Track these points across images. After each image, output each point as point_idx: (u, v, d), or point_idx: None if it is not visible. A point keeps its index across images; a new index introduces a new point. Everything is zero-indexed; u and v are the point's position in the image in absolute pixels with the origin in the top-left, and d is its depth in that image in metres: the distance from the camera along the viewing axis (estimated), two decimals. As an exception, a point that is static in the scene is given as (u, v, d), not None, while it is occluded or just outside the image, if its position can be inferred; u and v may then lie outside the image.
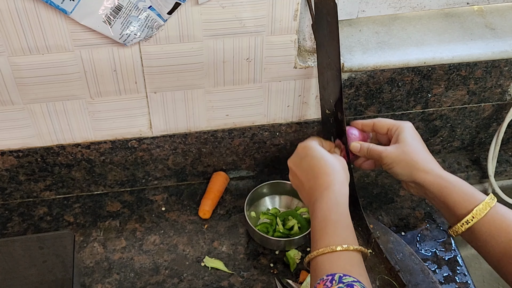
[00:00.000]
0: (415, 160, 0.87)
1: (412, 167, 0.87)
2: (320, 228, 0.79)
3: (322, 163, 0.85)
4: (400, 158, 0.88)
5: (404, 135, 0.89)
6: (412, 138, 0.89)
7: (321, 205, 0.81)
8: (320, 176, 0.84)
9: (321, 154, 0.87)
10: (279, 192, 1.12)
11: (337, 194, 0.82)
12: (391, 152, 0.89)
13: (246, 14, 0.89)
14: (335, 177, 0.83)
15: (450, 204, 0.83)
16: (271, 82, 1.01)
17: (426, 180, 0.85)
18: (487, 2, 1.07)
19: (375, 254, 1.03)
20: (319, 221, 0.80)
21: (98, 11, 0.82)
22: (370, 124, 0.95)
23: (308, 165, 0.87)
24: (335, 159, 0.86)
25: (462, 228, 0.81)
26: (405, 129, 0.90)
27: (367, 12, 1.03)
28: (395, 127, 0.92)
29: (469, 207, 0.81)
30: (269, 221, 1.08)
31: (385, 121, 0.93)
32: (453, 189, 0.83)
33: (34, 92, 0.93)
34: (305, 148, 0.89)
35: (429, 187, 0.85)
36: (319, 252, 0.76)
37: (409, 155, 0.87)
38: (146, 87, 0.97)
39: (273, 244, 1.03)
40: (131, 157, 1.08)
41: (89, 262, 1.02)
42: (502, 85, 1.10)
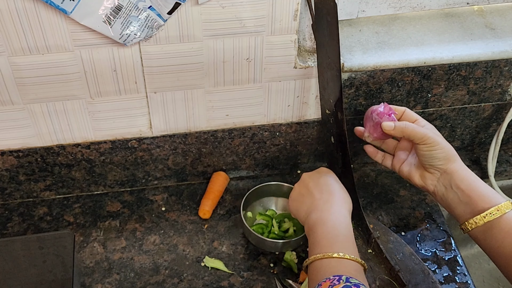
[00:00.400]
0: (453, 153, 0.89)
1: (451, 156, 0.89)
2: (329, 236, 0.83)
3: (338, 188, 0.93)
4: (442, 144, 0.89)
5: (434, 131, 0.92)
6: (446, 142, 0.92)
7: (332, 217, 0.86)
8: (335, 195, 0.90)
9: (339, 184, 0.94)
10: (277, 194, 1.11)
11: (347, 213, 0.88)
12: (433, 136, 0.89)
13: (246, 14, 0.89)
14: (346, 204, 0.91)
15: (475, 197, 0.84)
16: (271, 82, 1.01)
17: (459, 170, 0.88)
18: (487, 2, 1.07)
19: (375, 254, 1.03)
20: (329, 229, 0.84)
21: (98, 11, 0.82)
22: (401, 110, 0.96)
23: (326, 183, 0.93)
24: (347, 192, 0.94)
25: (484, 220, 0.82)
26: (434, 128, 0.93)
27: (367, 12, 1.03)
28: (423, 121, 0.93)
29: (493, 201, 0.83)
30: (265, 222, 1.07)
31: (414, 113, 0.95)
32: (480, 183, 0.86)
33: (34, 92, 0.93)
34: (329, 172, 0.96)
35: (459, 177, 0.87)
36: (328, 255, 0.79)
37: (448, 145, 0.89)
38: (146, 87, 0.97)
39: (268, 245, 1.03)
40: (131, 157, 1.08)
41: (89, 262, 1.02)
42: (502, 85, 1.10)
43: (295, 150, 1.15)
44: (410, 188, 1.17)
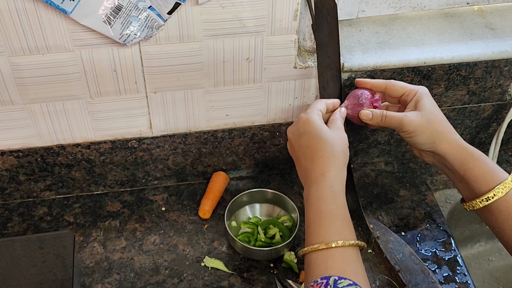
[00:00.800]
0: (440, 130, 0.83)
1: (436, 137, 0.83)
2: (315, 220, 0.76)
3: (320, 145, 0.81)
4: (424, 127, 0.83)
5: (424, 102, 0.84)
6: (434, 105, 0.85)
7: (316, 193, 0.78)
8: (316, 159, 0.80)
9: (320, 133, 0.81)
10: (260, 200, 1.10)
11: (333, 182, 0.78)
12: (413, 119, 0.83)
13: (246, 14, 0.89)
14: (331, 162, 0.79)
15: (471, 178, 0.80)
16: (271, 82, 1.01)
17: (449, 151, 0.82)
18: (487, 2, 1.07)
19: (375, 254, 1.03)
20: (314, 211, 0.77)
21: (98, 11, 0.82)
22: (382, 86, 0.88)
23: (306, 143, 0.82)
24: (336, 139, 0.81)
25: (480, 205, 0.79)
26: (424, 96, 0.85)
27: (367, 12, 1.03)
28: (412, 92, 0.86)
29: (490, 183, 0.79)
30: (250, 230, 1.06)
31: (400, 84, 0.88)
32: (475, 162, 0.81)
33: (34, 92, 0.93)
34: (306, 123, 0.83)
35: (451, 159, 0.82)
36: (314, 248, 0.73)
37: (433, 124, 0.83)
38: (146, 87, 0.97)
39: (255, 254, 1.02)
40: (131, 157, 1.08)
41: (89, 262, 1.02)
42: (502, 85, 1.10)
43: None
44: (410, 188, 1.17)
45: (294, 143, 0.85)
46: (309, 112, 0.85)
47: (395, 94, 0.88)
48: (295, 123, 0.86)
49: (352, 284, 0.67)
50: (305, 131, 0.83)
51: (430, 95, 0.87)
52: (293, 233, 1.02)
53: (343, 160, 0.81)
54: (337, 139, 0.82)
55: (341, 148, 0.81)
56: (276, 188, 1.14)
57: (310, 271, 0.73)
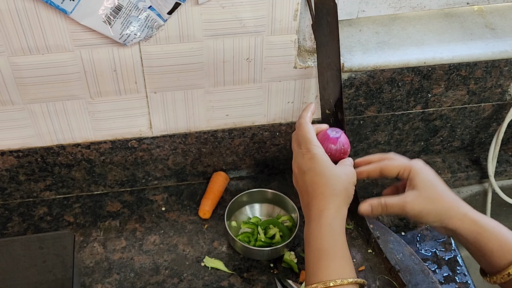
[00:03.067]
0: (446, 206, 0.79)
1: (444, 214, 0.79)
2: (314, 260, 0.76)
3: (322, 182, 0.79)
4: (428, 208, 0.80)
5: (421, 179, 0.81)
6: (432, 179, 0.81)
7: (315, 231, 0.77)
8: (316, 196, 0.79)
9: (324, 171, 0.79)
10: (260, 200, 1.10)
11: (331, 220, 0.77)
12: (414, 203, 0.80)
13: (246, 14, 0.89)
14: (331, 200, 0.78)
15: (487, 253, 0.77)
16: (271, 82, 1.01)
17: (459, 227, 0.78)
18: (487, 2, 1.07)
19: (375, 254, 1.03)
20: (312, 250, 0.76)
21: (98, 11, 0.82)
22: (377, 170, 0.85)
23: (309, 179, 0.81)
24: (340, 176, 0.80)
25: (502, 280, 0.76)
26: (420, 172, 0.81)
27: (367, 12, 1.03)
28: (406, 169, 0.82)
29: (508, 257, 0.75)
30: (250, 230, 1.06)
31: (393, 164, 0.84)
32: (490, 236, 0.77)
33: (34, 92, 0.93)
34: (311, 160, 0.81)
35: (463, 234, 0.79)
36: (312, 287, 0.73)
37: (437, 202, 0.80)
38: (146, 87, 0.97)
39: (255, 254, 1.02)
40: (131, 157, 1.08)
41: (89, 262, 1.02)
42: (502, 85, 1.10)
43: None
44: (410, 188, 1.17)
45: (298, 178, 0.83)
46: (311, 148, 0.82)
47: (390, 175, 0.84)
48: (299, 157, 0.83)
49: None
50: (309, 168, 0.81)
51: (427, 167, 0.83)
52: (293, 233, 1.02)
53: (344, 198, 0.79)
54: (341, 176, 0.80)
55: (343, 186, 0.79)
56: (276, 188, 1.14)
57: None
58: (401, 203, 0.81)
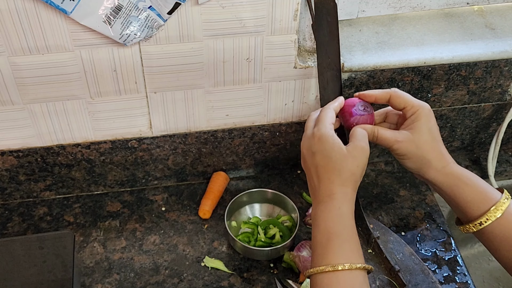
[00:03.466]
0: (427, 158, 0.81)
1: (423, 164, 0.82)
2: (322, 242, 0.75)
3: (330, 165, 0.78)
4: (413, 152, 0.82)
5: (421, 124, 0.81)
6: (429, 129, 0.82)
7: (323, 214, 0.77)
8: (324, 180, 0.78)
9: (331, 153, 0.78)
10: (260, 200, 1.10)
11: (340, 203, 0.76)
12: (404, 143, 0.81)
13: (246, 14, 0.89)
14: (338, 186, 0.78)
15: (462, 203, 0.79)
16: (271, 82, 1.01)
17: (435, 178, 0.81)
18: (487, 2, 1.07)
19: (375, 254, 1.03)
20: (321, 232, 0.76)
21: (98, 11, 0.82)
22: (386, 97, 0.84)
23: (318, 162, 0.79)
24: (348, 158, 0.78)
25: (474, 229, 0.79)
26: (423, 117, 0.82)
27: (367, 12, 1.03)
28: (413, 108, 0.82)
29: (482, 207, 0.78)
30: (250, 230, 1.06)
31: (404, 96, 0.83)
32: (465, 187, 0.79)
33: (34, 92, 0.93)
34: (320, 140, 0.79)
35: (439, 185, 0.82)
36: (320, 270, 0.72)
37: (422, 150, 0.81)
38: (146, 87, 0.97)
39: (255, 254, 1.02)
40: (131, 157, 1.08)
41: (89, 262, 1.02)
42: (502, 85, 1.10)
43: (295, 150, 1.15)
44: (410, 188, 1.17)
45: (307, 159, 0.82)
46: (321, 128, 0.81)
47: (398, 106, 0.84)
48: (309, 139, 0.82)
49: None
50: (318, 150, 0.80)
51: (431, 114, 0.83)
52: (293, 233, 1.02)
53: (351, 184, 0.78)
54: (348, 160, 0.78)
55: (350, 171, 0.78)
56: (276, 188, 1.14)
57: None
58: (392, 139, 0.82)
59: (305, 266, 0.98)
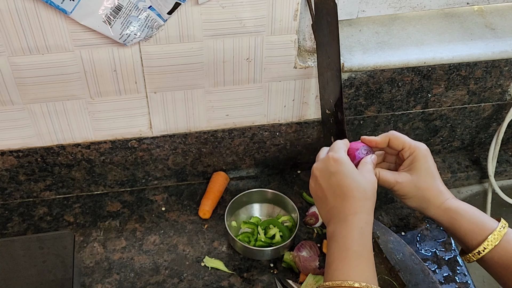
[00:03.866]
0: (427, 197, 0.85)
1: (424, 203, 0.85)
2: (340, 257, 0.76)
3: (354, 186, 0.80)
4: (413, 192, 0.85)
5: (419, 165, 0.85)
6: (426, 169, 0.85)
7: (344, 231, 0.77)
8: (349, 200, 0.79)
9: (352, 174, 0.80)
10: (260, 200, 1.10)
11: (363, 224, 0.78)
12: (404, 185, 0.85)
13: (246, 14, 0.89)
14: (364, 204, 0.79)
15: (461, 235, 0.82)
16: (271, 82, 1.01)
17: (436, 216, 0.85)
18: (487, 2, 1.07)
19: (375, 254, 1.03)
20: (339, 248, 0.77)
21: (98, 11, 0.82)
22: (386, 140, 0.88)
23: (337, 183, 0.81)
24: (367, 182, 0.81)
25: (473, 258, 0.81)
26: (420, 158, 0.85)
27: (367, 12, 1.03)
28: (411, 149, 0.86)
29: (479, 237, 0.80)
30: (250, 230, 1.06)
31: (402, 138, 0.87)
32: (462, 220, 0.82)
33: (34, 92, 0.93)
34: (337, 162, 0.81)
35: (439, 221, 0.85)
36: (335, 284, 0.73)
37: (422, 191, 0.85)
38: (146, 87, 0.97)
39: (255, 254, 1.02)
40: (131, 157, 1.08)
41: (89, 262, 1.02)
42: (502, 85, 1.10)
43: (295, 150, 1.15)
44: (410, 188, 1.17)
45: (321, 181, 0.83)
46: (338, 152, 0.83)
47: (396, 147, 0.87)
48: (323, 162, 0.83)
49: None
50: (336, 170, 0.81)
51: (429, 154, 0.86)
52: (293, 233, 1.02)
53: (372, 204, 0.81)
54: (368, 183, 0.81)
55: (372, 192, 0.81)
56: (276, 188, 1.14)
57: None
58: (392, 180, 0.86)
59: (305, 266, 0.98)
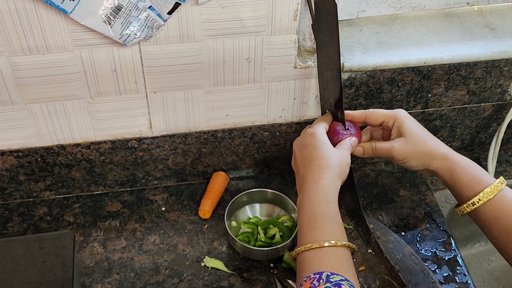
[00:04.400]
0: (427, 151, 0.88)
1: (425, 158, 0.88)
2: (308, 222, 0.79)
3: (320, 155, 0.85)
4: (412, 152, 0.88)
5: (405, 126, 0.89)
6: (415, 127, 0.89)
7: (310, 198, 0.81)
8: (313, 167, 0.84)
9: (322, 146, 0.86)
10: (260, 200, 1.11)
11: (326, 189, 0.81)
12: (401, 148, 0.89)
13: (246, 14, 0.89)
14: (327, 171, 0.83)
15: (459, 186, 0.85)
16: (271, 82, 1.01)
17: (439, 167, 0.87)
18: (487, 2, 1.07)
19: (375, 254, 1.03)
20: (307, 214, 0.80)
21: (98, 11, 0.82)
22: (362, 116, 0.93)
23: (307, 153, 0.87)
24: (336, 154, 0.86)
25: (467, 209, 0.84)
26: (404, 119, 0.90)
27: (367, 12, 1.03)
28: (391, 117, 0.91)
29: (476, 189, 0.83)
30: (250, 230, 1.06)
31: (378, 112, 0.92)
32: (462, 171, 0.85)
33: (34, 92, 0.93)
34: (311, 135, 0.88)
35: (441, 172, 0.88)
36: (307, 247, 0.76)
37: (420, 147, 0.88)
38: (146, 87, 0.97)
39: (255, 254, 1.02)
40: (131, 157, 1.08)
41: (89, 262, 1.02)
42: (502, 85, 1.10)
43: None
44: (410, 188, 1.17)
45: (297, 154, 0.89)
46: (315, 126, 0.90)
47: (375, 122, 0.92)
48: (301, 136, 0.91)
49: (344, 279, 0.70)
50: (309, 142, 0.87)
51: (409, 115, 0.91)
52: (293, 233, 1.02)
53: (339, 172, 0.84)
54: (336, 154, 0.86)
55: (338, 162, 0.85)
56: (276, 188, 1.14)
57: (303, 269, 0.76)
58: (388, 147, 0.89)
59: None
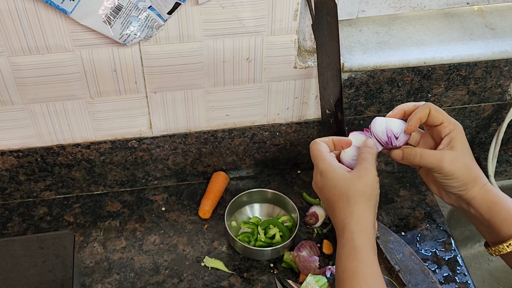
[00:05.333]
0: (474, 175, 0.77)
1: (470, 182, 0.77)
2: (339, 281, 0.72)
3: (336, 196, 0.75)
4: (462, 170, 0.77)
5: (462, 141, 0.78)
6: (468, 147, 0.79)
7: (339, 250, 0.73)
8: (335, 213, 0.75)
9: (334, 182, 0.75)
10: (260, 200, 1.11)
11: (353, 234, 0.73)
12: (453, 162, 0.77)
13: (246, 14, 0.89)
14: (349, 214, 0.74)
15: (497, 222, 0.76)
16: (271, 82, 1.01)
17: (478, 196, 0.77)
18: (487, 2, 1.07)
19: (375, 254, 1.03)
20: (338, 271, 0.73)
21: (98, 11, 0.82)
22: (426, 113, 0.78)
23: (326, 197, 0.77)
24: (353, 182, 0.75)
25: (507, 249, 0.76)
26: (462, 134, 0.78)
27: (367, 12, 1.03)
28: (450, 125, 0.78)
29: None
30: (250, 230, 1.06)
31: (442, 112, 0.79)
32: (502, 206, 0.76)
33: (34, 92, 0.93)
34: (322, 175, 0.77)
35: (477, 203, 0.78)
36: None
37: (470, 170, 0.77)
38: (146, 87, 0.97)
39: (255, 254, 1.02)
40: (131, 157, 1.08)
41: (89, 262, 1.02)
42: (502, 85, 1.10)
43: (295, 150, 1.15)
44: (410, 188, 1.17)
45: (320, 197, 0.80)
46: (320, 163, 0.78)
47: (435, 121, 0.79)
48: (315, 176, 0.79)
49: None
50: (322, 185, 0.77)
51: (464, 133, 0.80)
52: (293, 233, 1.02)
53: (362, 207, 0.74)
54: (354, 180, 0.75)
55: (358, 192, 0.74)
56: (276, 188, 1.14)
57: None
58: (439, 157, 0.77)
59: (305, 266, 0.98)
